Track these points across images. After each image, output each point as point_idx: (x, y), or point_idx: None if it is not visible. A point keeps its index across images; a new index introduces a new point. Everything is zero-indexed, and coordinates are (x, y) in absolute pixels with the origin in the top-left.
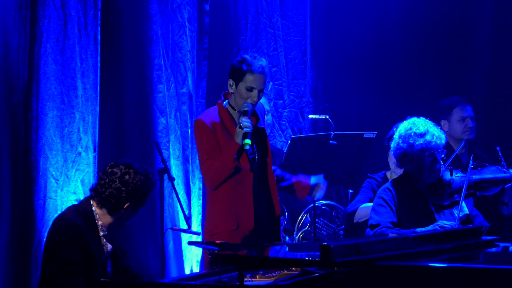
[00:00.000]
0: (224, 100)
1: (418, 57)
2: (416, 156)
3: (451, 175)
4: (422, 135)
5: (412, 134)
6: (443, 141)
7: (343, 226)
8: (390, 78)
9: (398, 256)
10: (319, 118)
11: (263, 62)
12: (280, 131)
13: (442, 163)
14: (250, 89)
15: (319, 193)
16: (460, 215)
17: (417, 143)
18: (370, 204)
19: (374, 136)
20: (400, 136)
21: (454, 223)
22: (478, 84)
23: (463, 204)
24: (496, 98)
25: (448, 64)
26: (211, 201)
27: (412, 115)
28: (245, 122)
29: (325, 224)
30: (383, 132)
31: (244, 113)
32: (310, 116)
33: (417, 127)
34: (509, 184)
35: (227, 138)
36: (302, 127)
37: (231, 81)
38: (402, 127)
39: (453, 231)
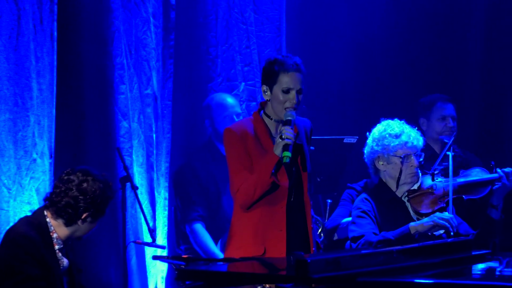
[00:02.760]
0: (260, 110)
1: (404, 56)
2: (392, 159)
3: (433, 180)
4: (397, 136)
5: (387, 135)
6: (421, 143)
7: (321, 239)
8: (374, 78)
9: (380, 271)
10: None
11: (297, 59)
12: None
13: (419, 167)
14: (286, 91)
15: None
16: (441, 232)
17: (392, 144)
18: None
19: (355, 141)
20: (373, 139)
21: (452, 215)
22: (469, 84)
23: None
24: (488, 97)
25: (438, 64)
26: (236, 221)
27: (394, 118)
28: (287, 132)
29: None
30: (366, 137)
31: (286, 123)
32: None
33: (392, 128)
34: (497, 185)
35: (259, 151)
36: None
37: (264, 87)
38: (376, 130)
39: (440, 244)
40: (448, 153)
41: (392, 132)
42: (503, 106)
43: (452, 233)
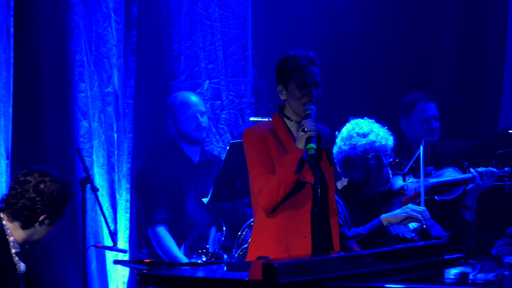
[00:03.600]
0: (279, 113)
1: (374, 53)
2: (360, 158)
3: (404, 181)
4: (365, 135)
5: (355, 134)
6: (390, 143)
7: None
8: (343, 75)
9: (350, 276)
10: (261, 120)
11: (310, 52)
12: (217, 136)
13: (389, 167)
14: (302, 86)
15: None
16: (415, 226)
17: (359, 143)
18: None
19: None
20: (342, 139)
21: (425, 208)
22: (443, 79)
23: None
24: (461, 94)
25: (410, 60)
26: (259, 226)
27: (363, 116)
28: (309, 124)
29: None
30: (335, 136)
31: (307, 116)
32: (252, 119)
33: (360, 127)
34: (470, 186)
35: (281, 153)
36: (242, 130)
37: (279, 87)
38: (344, 129)
39: (412, 248)
40: (419, 152)
41: (360, 131)
42: (478, 102)
43: (424, 226)
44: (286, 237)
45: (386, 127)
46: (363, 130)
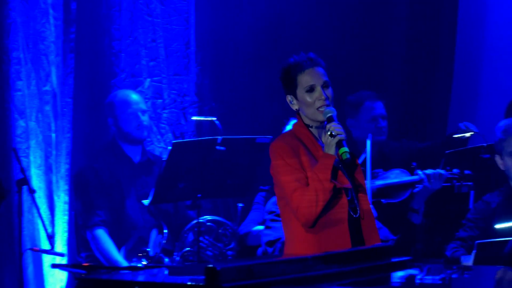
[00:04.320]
0: (301, 121)
1: (323, 51)
2: None
3: None
4: None
5: None
6: None
7: (231, 246)
8: None
9: (295, 279)
10: (204, 120)
11: (311, 54)
12: (159, 135)
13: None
14: (310, 89)
15: None
16: None
17: None
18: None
19: (268, 141)
20: None
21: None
22: (392, 79)
23: None
24: (410, 94)
25: (358, 58)
26: (294, 242)
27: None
28: (336, 127)
29: (211, 243)
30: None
31: (330, 119)
32: (194, 118)
33: None
34: (418, 188)
35: (312, 162)
36: (184, 130)
37: (289, 97)
38: (285, 130)
39: (358, 251)
40: (365, 154)
41: None
42: (427, 102)
43: None
44: (325, 249)
45: None
46: None
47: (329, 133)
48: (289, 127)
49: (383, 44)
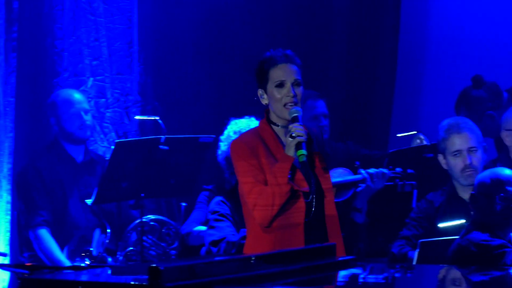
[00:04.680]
0: (266, 119)
1: (265, 49)
2: None
3: None
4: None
5: (232, 134)
6: None
7: (174, 245)
8: (232, 73)
9: (238, 279)
10: (147, 119)
11: (288, 51)
12: (102, 135)
13: None
14: (280, 85)
15: None
16: None
17: None
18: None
19: (211, 141)
20: (222, 140)
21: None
22: (334, 78)
23: None
24: (354, 92)
25: (300, 57)
26: (252, 240)
27: (243, 116)
28: (297, 128)
29: (154, 243)
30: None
31: (294, 120)
32: (137, 117)
33: (238, 126)
34: (361, 187)
35: (271, 162)
36: (128, 129)
37: (260, 91)
38: (225, 130)
39: (302, 250)
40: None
41: (237, 129)
42: (369, 102)
43: None
44: (280, 249)
45: None
46: (240, 128)
47: (289, 134)
48: (230, 127)
49: (325, 43)
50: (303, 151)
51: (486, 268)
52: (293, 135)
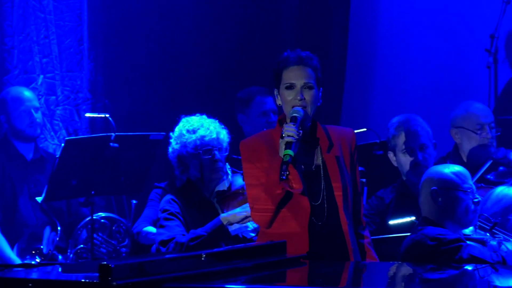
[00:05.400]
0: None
1: (217, 49)
2: (192, 155)
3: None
4: (194, 131)
5: (185, 132)
6: (222, 136)
7: (125, 242)
8: (183, 72)
9: (189, 276)
10: (98, 116)
11: (307, 53)
12: (52, 132)
13: (229, 165)
14: (290, 87)
15: None
16: (256, 226)
17: (189, 140)
18: (154, 230)
19: (162, 138)
20: (174, 138)
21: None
22: None
23: None
24: None
25: (251, 57)
26: (260, 239)
27: (199, 113)
28: (288, 129)
29: (105, 240)
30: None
31: (292, 120)
32: (88, 115)
33: (190, 124)
34: None
35: (275, 164)
36: (78, 127)
37: (275, 91)
38: (176, 128)
39: (253, 248)
40: None
41: (190, 127)
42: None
43: None
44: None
45: (217, 121)
46: (193, 127)
47: (281, 135)
48: (182, 125)
49: (274, 42)
50: (289, 151)
51: (441, 267)
52: (283, 135)
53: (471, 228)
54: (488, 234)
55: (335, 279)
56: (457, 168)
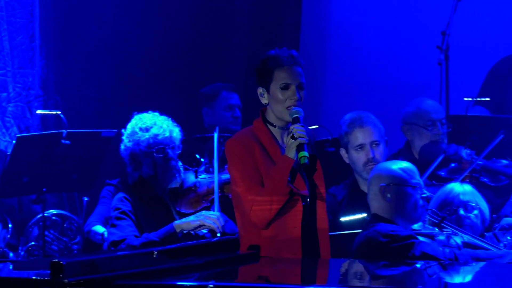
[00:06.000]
0: (262, 118)
1: (168, 45)
2: (145, 154)
3: (196, 177)
4: (147, 129)
5: (138, 130)
6: (175, 135)
7: (77, 240)
8: (134, 69)
9: (141, 274)
10: (49, 113)
11: (293, 51)
12: (4, 129)
13: (181, 163)
14: (285, 87)
15: None
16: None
17: (142, 138)
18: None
19: (114, 135)
20: (126, 135)
21: (219, 214)
22: (235, 77)
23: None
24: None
25: (202, 55)
26: (247, 240)
27: (146, 111)
28: (298, 130)
29: (56, 238)
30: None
31: (295, 120)
32: (39, 112)
33: (143, 121)
34: None
35: (267, 162)
36: (29, 124)
37: (260, 90)
38: (129, 125)
39: (205, 245)
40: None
41: (143, 126)
42: None
43: (218, 234)
44: (276, 253)
45: (170, 119)
46: (146, 125)
47: (291, 135)
48: (135, 123)
49: (226, 43)
50: (305, 153)
51: (393, 263)
52: (295, 136)
53: (419, 223)
54: (436, 229)
55: (286, 275)
56: (404, 164)
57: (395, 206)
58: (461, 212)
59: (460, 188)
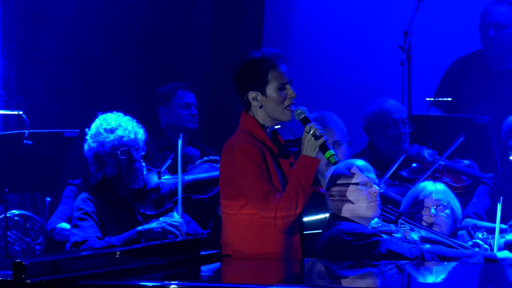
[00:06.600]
0: (245, 124)
1: (130, 46)
2: (109, 155)
3: (159, 178)
4: (112, 130)
5: (102, 131)
6: (140, 136)
7: (39, 240)
8: (96, 69)
9: (104, 274)
10: (11, 113)
11: (277, 50)
12: None
13: (144, 163)
14: (283, 87)
15: None
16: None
17: (107, 140)
18: (68, 226)
19: (76, 135)
20: (90, 136)
21: (182, 221)
22: (197, 77)
23: (174, 212)
24: (218, 87)
25: (164, 54)
26: (240, 241)
27: (109, 111)
28: (319, 128)
29: (19, 238)
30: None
31: (305, 120)
32: (1, 112)
33: (108, 122)
34: None
35: (275, 165)
36: None
37: (253, 94)
38: (93, 125)
39: (167, 244)
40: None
41: (108, 126)
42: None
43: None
44: (260, 253)
45: (135, 120)
46: (111, 126)
47: (311, 133)
48: (99, 123)
49: (188, 43)
50: (332, 151)
51: (358, 263)
52: (317, 134)
53: (376, 220)
54: (392, 226)
55: (250, 275)
56: (354, 161)
57: (343, 205)
58: (433, 211)
59: (433, 187)
